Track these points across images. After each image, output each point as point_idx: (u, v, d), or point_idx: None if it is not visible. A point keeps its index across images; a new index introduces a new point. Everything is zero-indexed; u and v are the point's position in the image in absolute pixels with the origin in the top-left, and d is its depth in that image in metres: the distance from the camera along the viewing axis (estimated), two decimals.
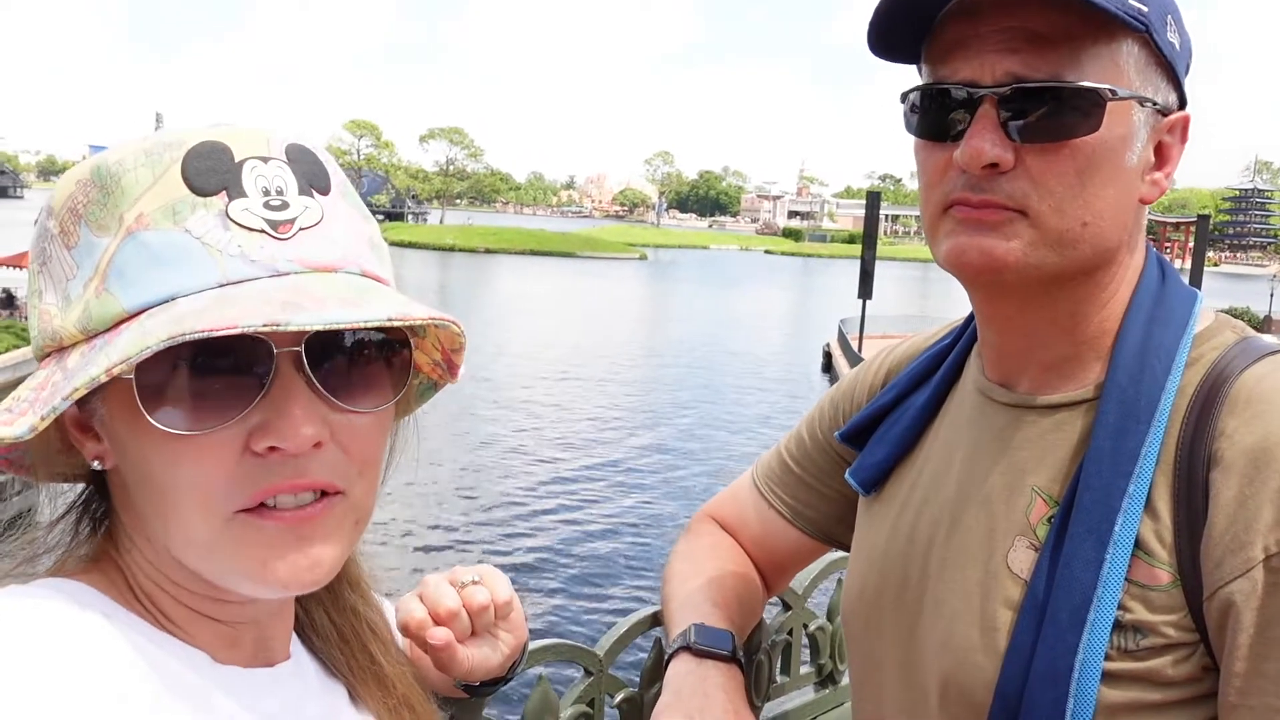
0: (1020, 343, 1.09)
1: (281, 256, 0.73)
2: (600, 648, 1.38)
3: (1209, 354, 1.02)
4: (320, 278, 0.74)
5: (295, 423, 0.72)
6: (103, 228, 0.73)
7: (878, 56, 1.06)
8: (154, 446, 0.72)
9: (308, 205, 0.76)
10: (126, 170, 0.73)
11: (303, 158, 0.79)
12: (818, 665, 1.71)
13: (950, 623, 1.07)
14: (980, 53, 0.98)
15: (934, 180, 1.03)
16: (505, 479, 19.53)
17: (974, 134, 0.97)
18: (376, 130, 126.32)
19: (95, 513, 0.82)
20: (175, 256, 0.71)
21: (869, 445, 1.29)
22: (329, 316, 0.68)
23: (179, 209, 0.72)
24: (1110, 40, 0.97)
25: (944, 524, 1.12)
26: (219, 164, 0.74)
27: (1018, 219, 0.98)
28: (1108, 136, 0.97)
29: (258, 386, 0.71)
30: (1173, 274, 1.09)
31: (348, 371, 0.76)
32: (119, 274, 0.71)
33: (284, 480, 0.73)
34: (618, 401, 28.56)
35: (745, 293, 70.89)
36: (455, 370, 0.92)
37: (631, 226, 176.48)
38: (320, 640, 0.95)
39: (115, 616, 0.74)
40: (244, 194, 0.74)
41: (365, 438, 0.79)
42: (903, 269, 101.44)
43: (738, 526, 1.49)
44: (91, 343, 0.72)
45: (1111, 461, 0.98)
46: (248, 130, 0.78)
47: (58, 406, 0.67)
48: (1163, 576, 0.95)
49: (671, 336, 44.06)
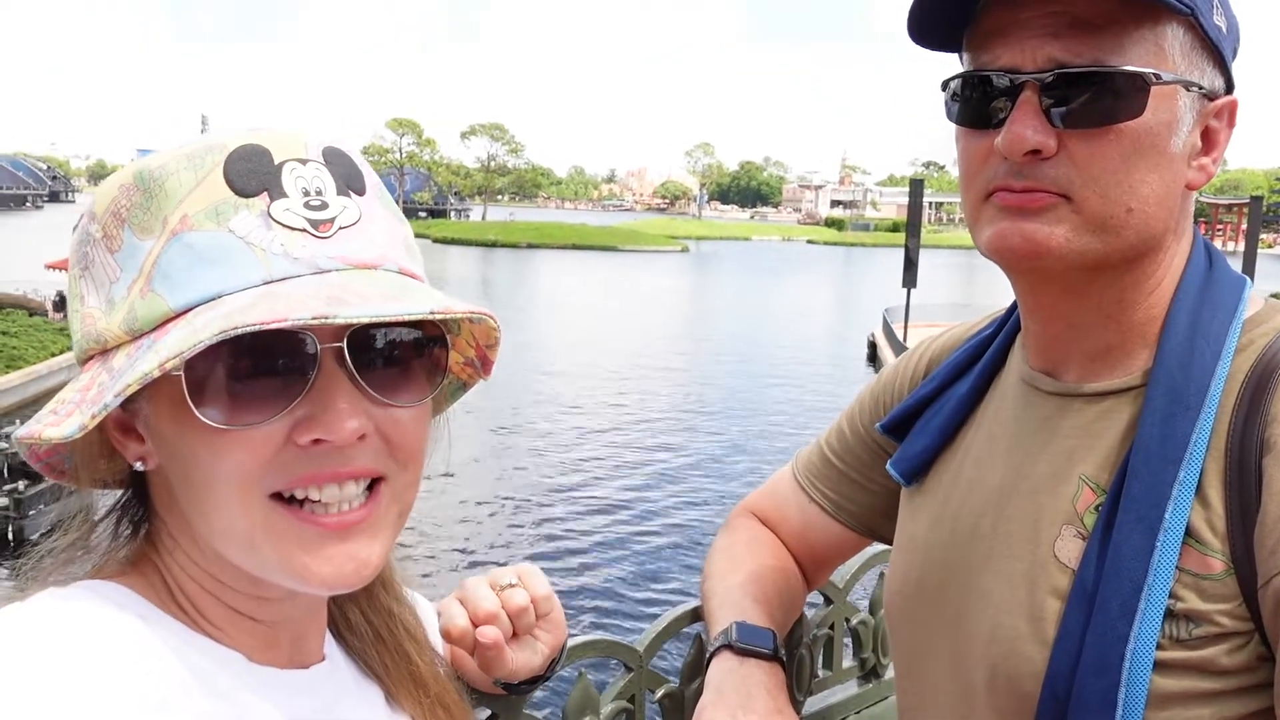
0: (1065, 331, 1.07)
1: (323, 254, 0.75)
2: (640, 644, 1.38)
3: (1259, 339, 1.00)
4: (362, 274, 0.76)
5: (341, 415, 0.74)
6: (146, 230, 0.74)
7: (917, 45, 1.05)
8: (200, 441, 0.73)
9: (346, 205, 0.78)
10: (169, 174, 0.75)
11: (339, 160, 0.80)
12: (860, 659, 1.69)
13: (998, 613, 1.05)
14: (1022, 38, 0.96)
15: (976, 168, 1.02)
16: (544, 474, 19.62)
17: (1016, 120, 0.96)
18: (418, 128, 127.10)
19: (135, 516, 0.84)
20: (220, 256, 0.73)
21: (910, 436, 1.27)
22: (374, 310, 0.70)
23: (222, 210, 0.74)
24: (1155, 24, 0.95)
25: (989, 514, 1.10)
26: (260, 166, 0.76)
27: (1062, 204, 0.97)
28: (1152, 122, 0.95)
29: (302, 381, 0.73)
30: (1220, 260, 1.07)
31: (387, 367, 0.78)
32: (164, 275, 0.73)
33: (329, 469, 0.75)
34: (659, 394, 28.57)
35: (787, 284, 70.54)
36: (489, 366, 0.93)
37: (673, 219, 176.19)
38: (355, 640, 0.96)
39: (151, 619, 0.75)
40: (285, 194, 0.76)
41: (407, 430, 0.80)
42: (948, 256, 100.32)
43: (778, 521, 1.48)
44: (138, 343, 0.73)
45: (1160, 449, 0.96)
46: (285, 133, 0.79)
47: (109, 404, 0.69)
48: (1216, 565, 0.93)
49: (712, 329, 43.97)
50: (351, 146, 0.83)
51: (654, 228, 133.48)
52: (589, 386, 28.82)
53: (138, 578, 0.80)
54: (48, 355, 25.18)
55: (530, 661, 1.09)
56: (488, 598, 1.05)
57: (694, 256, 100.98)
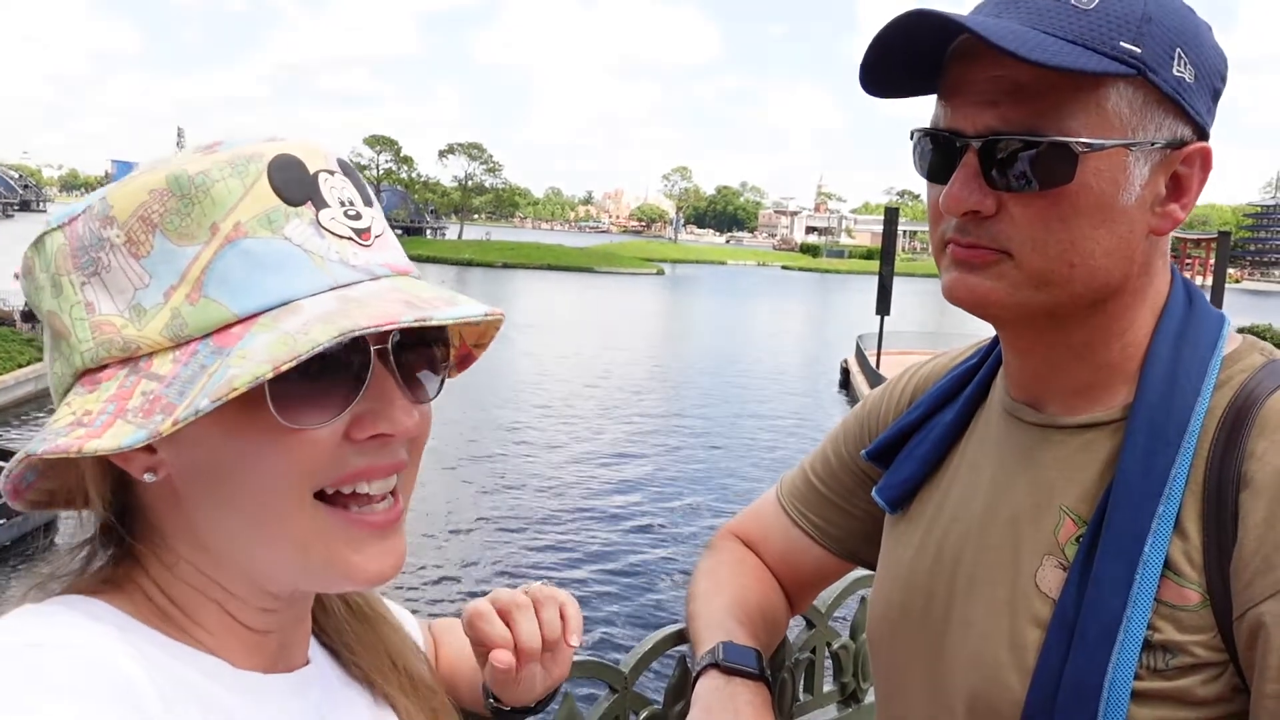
0: (1042, 367, 1.10)
1: (374, 261, 0.78)
2: (625, 665, 1.39)
3: (1237, 376, 1.02)
4: (406, 280, 0.79)
5: (401, 411, 0.78)
6: (187, 236, 0.73)
7: (870, 95, 1.07)
8: (259, 443, 0.73)
9: (374, 215, 0.81)
10: (214, 181, 0.74)
11: (353, 172, 0.83)
12: (841, 684, 1.71)
13: (979, 641, 1.07)
14: (966, 101, 1.00)
15: (935, 218, 1.06)
16: (523, 495, 19.54)
17: (956, 181, 1.00)
18: (396, 145, 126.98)
19: (112, 539, 0.83)
20: (280, 262, 0.74)
21: (895, 463, 1.29)
22: (451, 313, 0.74)
23: (274, 218, 0.74)
24: (1095, 88, 0.96)
25: (971, 542, 1.12)
26: (300, 176, 0.77)
27: (1004, 260, 1.00)
28: (1092, 183, 0.97)
29: (358, 381, 0.75)
30: (1200, 298, 1.10)
31: (413, 367, 0.81)
32: (222, 280, 0.73)
33: (383, 462, 0.79)
34: (635, 418, 28.55)
35: (763, 309, 70.82)
36: (468, 363, 0.98)
37: (649, 242, 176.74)
38: (339, 644, 0.96)
39: (130, 630, 0.75)
40: (326, 204, 0.77)
41: (425, 424, 0.84)
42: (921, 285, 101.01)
43: (762, 544, 1.50)
44: (187, 349, 0.72)
45: (1141, 482, 0.98)
46: (303, 143, 0.80)
47: (201, 408, 0.68)
48: (1192, 597, 0.95)
49: (689, 352, 44.04)
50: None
51: (630, 250, 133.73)
52: (563, 408, 28.75)
53: (114, 593, 0.79)
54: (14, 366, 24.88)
55: (532, 690, 1.10)
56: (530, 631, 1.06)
57: (670, 279, 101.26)
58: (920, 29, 0.98)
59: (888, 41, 1.00)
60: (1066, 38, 0.95)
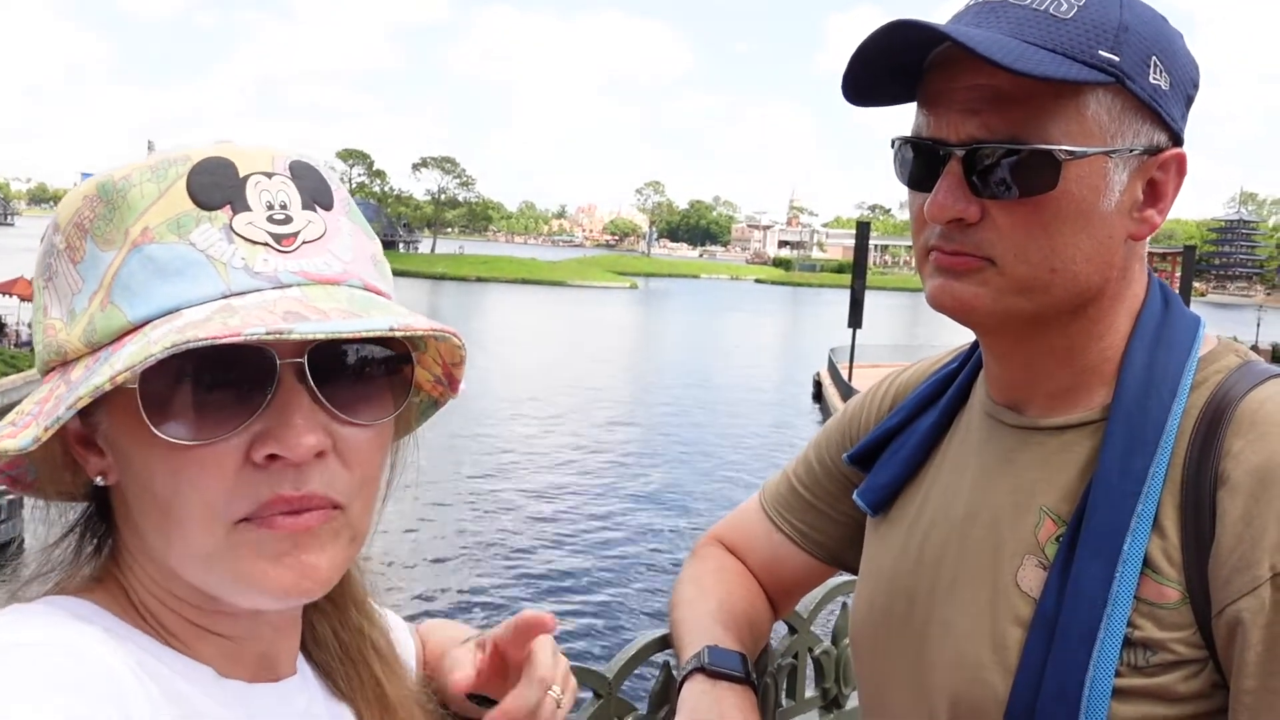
0: (1022, 372, 1.12)
1: (284, 269, 0.74)
2: (610, 670, 1.39)
3: (1213, 377, 1.04)
4: (323, 290, 0.75)
5: (297, 431, 0.72)
6: (108, 242, 0.74)
7: (852, 104, 1.08)
8: (157, 458, 0.72)
9: (310, 220, 0.78)
10: (132, 185, 0.74)
11: (306, 174, 0.80)
12: (823, 689, 1.71)
13: (960, 641, 1.08)
14: (949, 110, 1.01)
15: (918, 226, 1.08)
16: (500, 507, 19.46)
17: (940, 189, 1.01)
18: (368, 159, 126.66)
19: (97, 531, 0.83)
20: (179, 269, 0.72)
21: (877, 467, 1.30)
22: (331, 326, 0.68)
23: (183, 222, 0.73)
24: (1076, 96, 0.98)
25: (953, 544, 1.14)
26: (223, 179, 0.75)
27: (987, 267, 1.02)
28: (1074, 190, 0.99)
29: (260, 397, 0.72)
30: (1176, 301, 1.11)
31: (350, 384, 0.77)
32: (124, 287, 0.72)
33: (285, 491, 0.73)
34: (612, 429, 28.52)
35: (736, 322, 71.03)
36: (456, 385, 0.93)
37: (622, 255, 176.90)
38: (324, 657, 0.95)
39: (117, 632, 0.74)
40: (248, 208, 0.75)
41: (365, 451, 0.79)
42: (892, 298, 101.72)
43: (745, 550, 1.50)
44: (96, 355, 0.72)
45: (1120, 482, 0.99)
46: (253, 147, 0.79)
47: (61, 416, 0.68)
48: (1171, 594, 0.97)
49: (663, 366, 44.08)
50: (320, 161, 0.83)
51: (604, 264, 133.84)
52: (540, 421, 28.67)
53: (102, 593, 0.79)
54: None
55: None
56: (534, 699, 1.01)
57: (643, 293, 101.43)
58: (903, 38, 1.00)
59: (871, 51, 1.01)
60: (1047, 46, 0.96)
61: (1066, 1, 0.99)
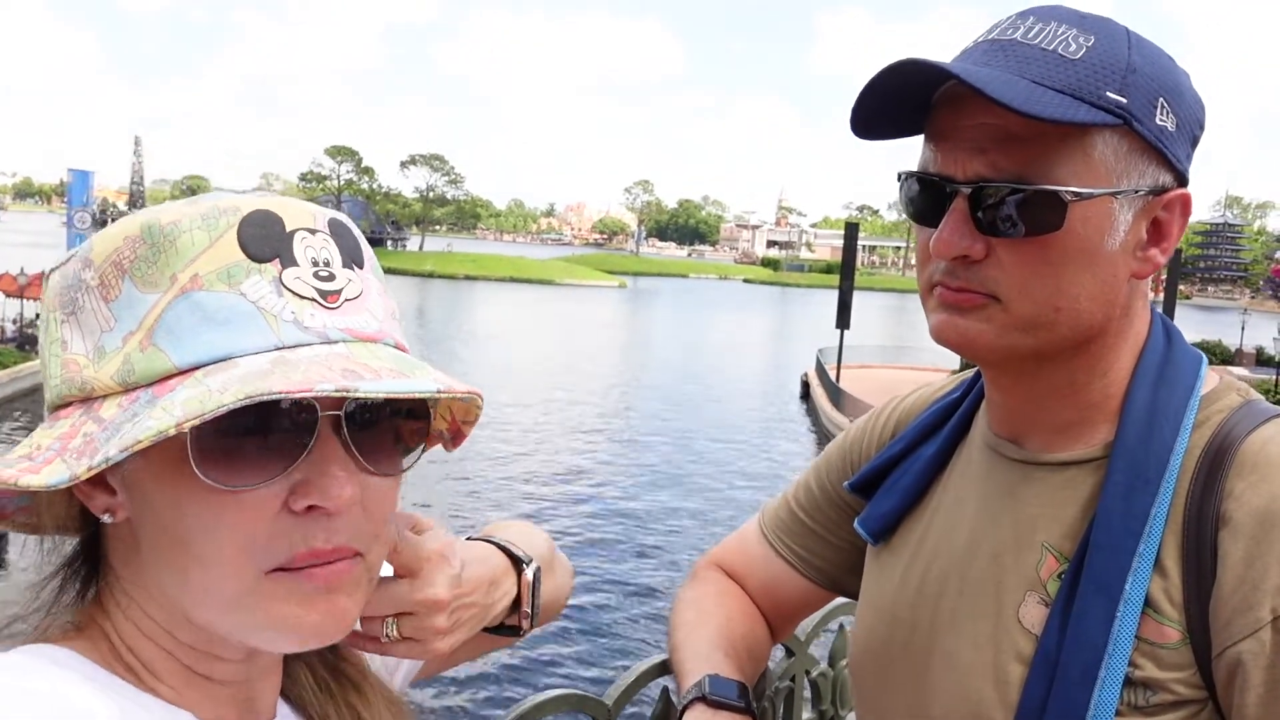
0: (1024, 406, 1.12)
1: (332, 325, 0.76)
2: (609, 697, 1.38)
3: (1214, 416, 1.04)
4: (366, 347, 0.77)
5: (339, 483, 0.75)
6: (150, 284, 0.74)
7: (859, 138, 1.08)
8: (192, 501, 0.73)
9: (350, 278, 0.80)
10: (182, 231, 0.75)
11: (344, 232, 0.82)
12: (819, 711, 1.72)
13: (963, 675, 1.08)
14: (956, 147, 1.01)
15: (923, 260, 1.08)
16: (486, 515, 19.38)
17: (946, 226, 1.02)
18: (357, 156, 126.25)
19: (80, 572, 0.82)
20: (230, 318, 0.73)
21: (878, 495, 1.30)
22: (387, 386, 0.71)
23: (234, 273, 0.74)
24: (1083, 137, 0.98)
25: (954, 576, 1.14)
26: (272, 232, 0.77)
27: (991, 304, 1.02)
28: (1080, 230, 0.99)
29: (300, 447, 0.74)
30: (1179, 337, 1.12)
31: (373, 436, 0.79)
32: (168, 331, 0.73)
33: (318, 545, 0.75)
34: (598, 433, 28.50)
35: (724, 322, 71.09)
36: (460, 440, 0.96)
37: (611, 254, 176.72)
38: (300, 693, 0.95)
39: (96, 679, 0.74)
40: (295, 263, 0.76)
41: (384, 500, 0.81)
42: (881, 299, 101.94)
43: (744, 574, 1.50)
44: (131, 395, 0.73)
45: (1122, 521, 1.00)
46: (295, 202, 0.80)
47: (112, 457, 0.68)
48: (1172, 634, 0.97)
49: (651, 366, 44.06)
50: (352, 222, 0.85)
51: (592, 262, 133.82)
52: (527, 425, 28.62)
53: (83, 641, 0.79)
54: None
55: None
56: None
57: (632, 292, 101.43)
58: (912, 76, 1.00)
59: (880, 87, 1.02)
60: (1054, 87, 0.97)
61: (1075, 41, 0.99)
